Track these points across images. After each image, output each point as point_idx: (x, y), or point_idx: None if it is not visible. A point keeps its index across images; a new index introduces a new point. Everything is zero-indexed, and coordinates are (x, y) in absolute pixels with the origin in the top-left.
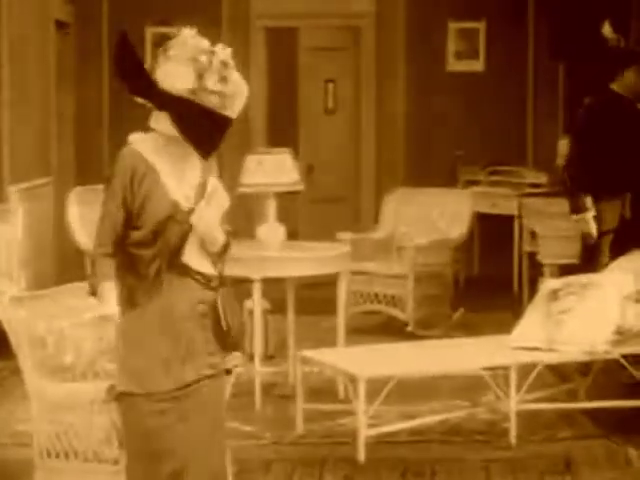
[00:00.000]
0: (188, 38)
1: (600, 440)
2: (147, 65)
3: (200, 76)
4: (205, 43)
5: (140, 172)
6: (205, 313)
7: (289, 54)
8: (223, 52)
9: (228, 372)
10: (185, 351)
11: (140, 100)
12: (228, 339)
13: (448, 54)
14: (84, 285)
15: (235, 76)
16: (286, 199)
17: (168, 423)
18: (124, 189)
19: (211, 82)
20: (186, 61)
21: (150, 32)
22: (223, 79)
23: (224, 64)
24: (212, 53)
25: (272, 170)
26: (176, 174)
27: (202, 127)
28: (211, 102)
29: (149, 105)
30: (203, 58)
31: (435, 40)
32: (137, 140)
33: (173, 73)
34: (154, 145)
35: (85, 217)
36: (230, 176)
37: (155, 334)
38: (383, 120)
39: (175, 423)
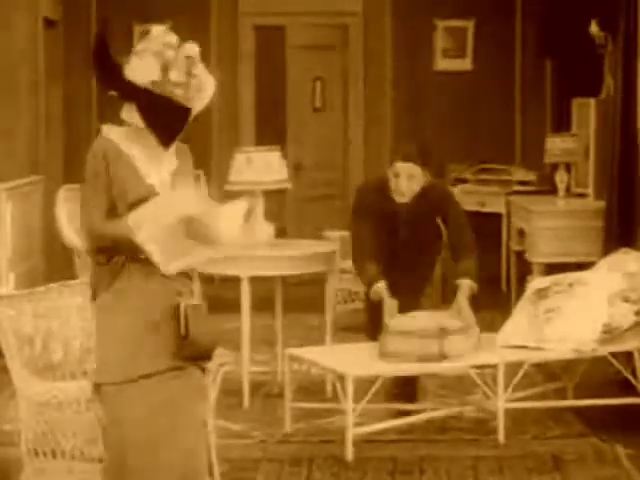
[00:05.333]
0: (156, 34)
1: (588, 438)
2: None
3: (165, 69)
4: (173, 38)
5: (112, 157)
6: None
7: (277, 52)
8: (190, 48)
9: (203, 370)
10: (151, 341)
11: (112, 92)
12: (185, 348)
13: (436, 52)
14: (73, 283)
15: (201, 70)
16: (274, 197)
17: (138, 415)
18: (99, 175)
19: (175, 75)
20: (152, 55)
21: (138, 29)
22: (188, 73)
23: (189, 59)
24: (178, 48)
25: (260, 168)
26: (151, 160)
27: (162, 117)
28: (175, 94)
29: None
30: (169, 52)
31: (423, 38)
32: (108, 130)
33: (139, 66)
34: (126, 135)
35: (74, 215)
36: (218, 174)
37: (126, 323)
38: (371, 118)
39: (144, 415)
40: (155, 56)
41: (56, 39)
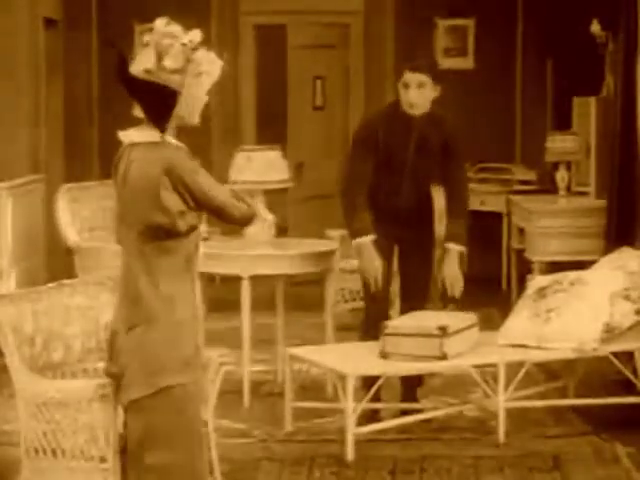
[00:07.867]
0: (158, 26)
1: (589, 437)
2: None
3: (159, 57)
4: (174, 28)
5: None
6: None
7: (278, 51)
8: (191, 34)
9: None
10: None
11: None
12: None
13: (437, 51)
14: (73, 282)
15: (201, 56)
16: (275, 196)
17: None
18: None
19: (169, 62)
20: (151, 45)
21: (139, 29)
22: (186, 59)
23: (186, 45)
24: (176, 36)
25: (261, 167)
26: None
27: (155, 104)
28: (172, 81)
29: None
30: (165, 41)
31: (424, 37)
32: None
33: (138, 58)
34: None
35: (74, 214)
36: (219, 173)
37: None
38: None
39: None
40: (152, 46)
41: (56, 39)
